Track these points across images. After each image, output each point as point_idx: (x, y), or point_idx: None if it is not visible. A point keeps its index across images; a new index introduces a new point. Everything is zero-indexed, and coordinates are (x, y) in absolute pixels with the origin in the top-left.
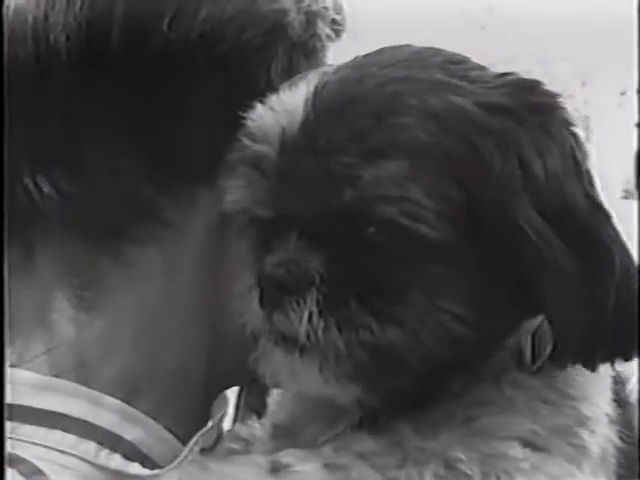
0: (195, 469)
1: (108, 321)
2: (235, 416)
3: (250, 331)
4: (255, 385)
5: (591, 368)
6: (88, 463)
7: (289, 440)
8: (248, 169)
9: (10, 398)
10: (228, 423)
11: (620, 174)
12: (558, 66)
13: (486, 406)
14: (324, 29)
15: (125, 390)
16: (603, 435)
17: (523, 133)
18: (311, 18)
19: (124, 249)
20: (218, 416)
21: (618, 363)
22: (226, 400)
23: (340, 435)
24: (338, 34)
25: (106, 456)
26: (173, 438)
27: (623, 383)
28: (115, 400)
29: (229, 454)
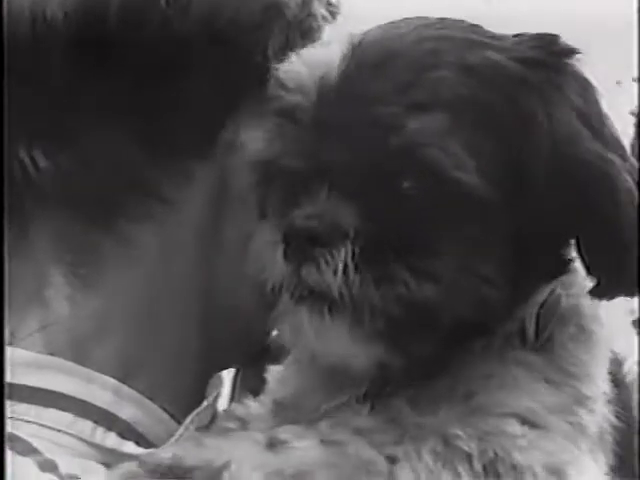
0: (190, 445)
1: (103, 299)
2: (232, 396)
3: (270, 288)
4: (252, 364)
5: (631, 293)
6: (84, 442)
7: (292, 415)
8: (279, 119)
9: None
10: (223, 403)
11: None
12: None
13: (488, 381)
14: (319, 9)
15: (121, 369)
16: (601, 414)
17: (559, 81)
18: None
19: (120, 226)
20: (213, 395)
21: None
22: (221, 380)
23: (341, 408)
24: (334, 15)
25: (101, 435)
26: (169, 417)
27: (620, 364)
28: (110, 379)
29: (225, 432)
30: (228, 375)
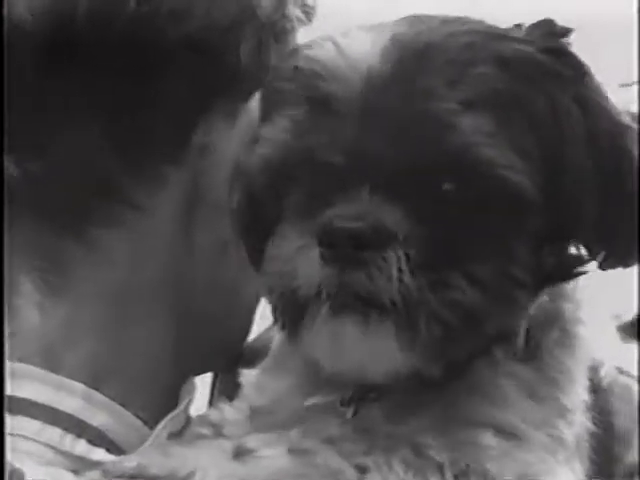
0: (156, 453)
1: (73, 305)
2: (210, 401)
3: (303, 295)
4: (228, 370)
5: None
6: (51, 449)
7: (269, 420)
8: (311, 108)
9: None
10: (196, 409)
11: None
12: None
13: (474, 392)
14: (294, 11)
15: (91, 376)
16: (579, 423)
17: (584, 70)
18: None
19: (90, 232)
20: (186, 401)
21: None
22: (194, 386)
23: (318, 414)
24: (309, 17)
25: (71, 442)
26: (141, 424)
27: (596, 370)
28: (80, 385)
29: (197, 438)
30: (204, 381)
